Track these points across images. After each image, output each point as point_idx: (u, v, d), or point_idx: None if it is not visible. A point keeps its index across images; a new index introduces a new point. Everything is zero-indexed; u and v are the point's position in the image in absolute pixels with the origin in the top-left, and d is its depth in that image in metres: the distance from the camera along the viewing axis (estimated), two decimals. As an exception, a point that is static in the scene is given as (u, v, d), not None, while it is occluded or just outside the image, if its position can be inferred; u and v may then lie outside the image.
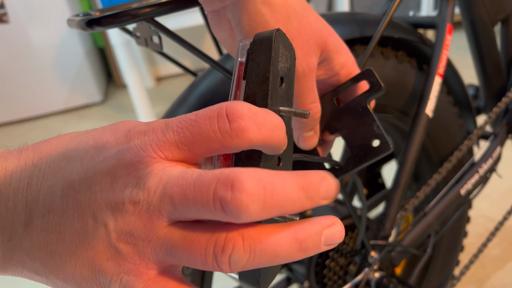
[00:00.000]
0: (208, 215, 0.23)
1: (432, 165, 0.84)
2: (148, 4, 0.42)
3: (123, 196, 0.24)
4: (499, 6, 0.84)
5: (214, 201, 0.22)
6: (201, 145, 0.25)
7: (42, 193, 0.26)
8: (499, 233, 1.34)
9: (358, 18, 0.68)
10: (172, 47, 2.58)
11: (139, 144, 0.25)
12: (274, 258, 0.24)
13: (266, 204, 0.22)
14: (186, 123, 0.25)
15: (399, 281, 0.69)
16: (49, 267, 0.26)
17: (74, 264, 0.25)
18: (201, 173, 0.24)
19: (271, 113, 0.26)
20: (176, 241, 0.24)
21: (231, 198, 0.22)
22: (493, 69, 0.88)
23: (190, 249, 0.24)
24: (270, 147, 0.26)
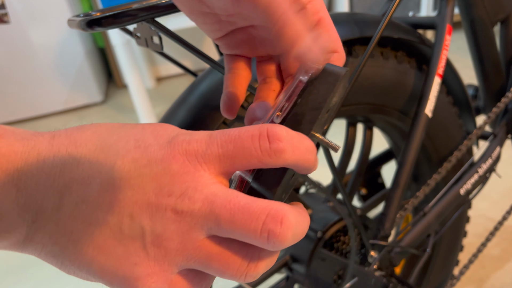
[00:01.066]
0: (248, 240, 0.26)
1: (431, 165, 0.85)
2: (148, 5, 0.42)
3: (167, 203, 0.26)
4: (499, 6, 0.84)
5: (261, 232, 0.25)
6: (241, 159, 0.27)
7: (76, 183, 0.26)
8: (498, 233, 1.35)
9: (358, 18, 0.68)
10: (172, 48, 2.59)
11: (184, 154, 0.26)
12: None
13: (295, 239, 0.27)
14: (230, 138, 0.27)
15: (399, 281, 0.70)
16: (68, 253, 0.26)
17: (96, 256, 0.26)
18: (249, 201, 0.26)
19: (305, 137, 0.28)
20: (212, 254, 0.27)
21: (280, 233, 0.25)
22: (492, 69, 0.88)
23: (226, 264, 0.27)
24: (301, 167, 0.28)
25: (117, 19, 0.42)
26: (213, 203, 0.26)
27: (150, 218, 0.26)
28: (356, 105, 0.70)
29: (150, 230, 0.26)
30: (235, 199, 0.26)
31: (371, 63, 0.68)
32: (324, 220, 0.79)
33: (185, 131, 0.28)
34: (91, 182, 0.26)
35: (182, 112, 0.60)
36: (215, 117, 0.57)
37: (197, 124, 0.57)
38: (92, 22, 0.43)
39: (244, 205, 0.26)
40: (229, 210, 0.26)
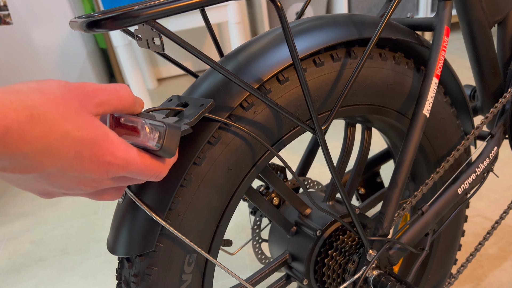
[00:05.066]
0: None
1: (429, 164, 0.85)
2: (149, 6, 0.43)
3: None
4: (496, 8, 0.85)
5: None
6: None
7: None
8: (496, 232, 1.35)
9: (357, 20, 0.69)
10: (173, 49, 2.59)
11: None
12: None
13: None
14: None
15: (397, 279, 0.70)
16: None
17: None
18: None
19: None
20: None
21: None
22: (490, 70, 0.89)
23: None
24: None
25: (119, 20, 0.42)
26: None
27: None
28: (355, 105, 0.71)
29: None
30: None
31: (369, 64, 0.69)
32: (323, 219, 0.80)
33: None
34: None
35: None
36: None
37: (197, 124, 0.58)
38: (94, 24, 0.43)
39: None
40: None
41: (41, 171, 0.37)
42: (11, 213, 1.82)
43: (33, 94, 0.35)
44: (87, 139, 0.38)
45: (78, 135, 0.37)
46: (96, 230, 1.64)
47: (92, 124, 0.38)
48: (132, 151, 0.41)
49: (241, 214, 1.56)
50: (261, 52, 0.61)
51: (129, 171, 0.42)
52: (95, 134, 0.38)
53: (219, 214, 0.62)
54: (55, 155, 0.36)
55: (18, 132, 0.33)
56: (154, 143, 0.43)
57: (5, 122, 0.32)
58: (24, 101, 0.34)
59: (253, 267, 1.36)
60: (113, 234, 0.60)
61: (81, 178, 0.40)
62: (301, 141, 0.89)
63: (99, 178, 0.41)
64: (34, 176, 0.38)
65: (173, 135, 0.44)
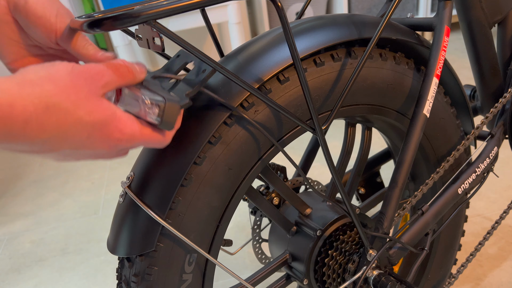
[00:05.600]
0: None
1: (429, 164, 0.86)
2: (150, 6, 0.43)
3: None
4: (496, 8, 0.85)
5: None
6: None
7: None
8: (496, 232, 1.35)
9: (357, 20, 0.69)
10: (173, 49, 2.59)
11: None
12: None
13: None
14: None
15: (397, 279, 0.70)
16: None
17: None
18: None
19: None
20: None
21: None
22: (490, 70, 0.89)
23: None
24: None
25: (119, 20, 0.42)
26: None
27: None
28: (355, 105, 0.71)
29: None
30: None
31: (369, 64, 0.69)
32: (323, 219, 0.80)
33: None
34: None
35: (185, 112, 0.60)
36: (215, 117, 0.58)
37: (198, 123, 0.58)
38: (94, 24, 0.43)
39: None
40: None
41: (57, 151, 0.41)
42: (11, 213, 1.82)
43: (46, 85, 0.37)
44: (98, 122, 0.41)
45: (90, 120, 0.40)
46: (96, 230, 1.64)
47: (101, 106, 0.41)
48: (137, 125, 0.44)
49: (241, 214, 1.56)
50: (261, 52, 0.61)
51: (136, 143, 0.45)
52: (104, 115, 0.41)
53: (219, 214, 0.62)
54: (70, 139, 0.39)
55: (37, 123, 0.36)
56: (154, 118, 0.45)
57: (25, 116, 0.35)
58: (39, 92, 0.36)
59: (253, 267, 1.36)
60: (113, 234, 0.60)
61: (92, 153, 0.44)
62: (302, 141, 0.89)
63: (109, 152, 0.45)
64: (49, 155, 0.42)
65: (172, 110, 0.45)
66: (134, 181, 0.59)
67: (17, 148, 0.38)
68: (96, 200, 1.82)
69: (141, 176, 0.58)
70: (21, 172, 2.13)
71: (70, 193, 1.90)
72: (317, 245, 0.79)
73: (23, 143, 0.37)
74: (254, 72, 0.59)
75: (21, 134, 0.35)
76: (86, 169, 2.06)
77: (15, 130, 0.35)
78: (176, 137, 0.58)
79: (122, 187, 0.59)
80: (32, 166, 2.16)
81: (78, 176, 2.02)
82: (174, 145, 0.58)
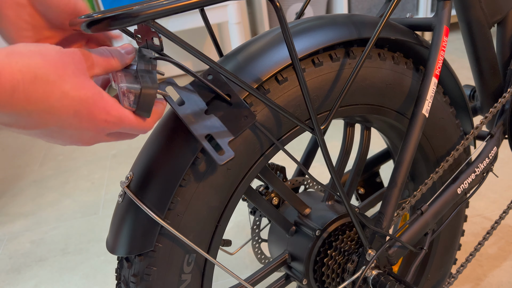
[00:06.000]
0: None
1: (429, 164, 0.86)
2: (148, 6, 0.43)
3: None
4: (496, 8, 0.85)
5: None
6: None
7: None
8: (495, 231, 1.35)
9: (356, 20, 0.69)
10: (172, 49, 2.59)
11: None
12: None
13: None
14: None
15: (396, 279, 0.70)
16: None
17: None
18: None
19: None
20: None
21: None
22: (489, 70, 0.89)
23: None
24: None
25: (118, 20, 0.43)
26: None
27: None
28: (354, 105, 0.71)
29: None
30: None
31: (368, 64, 0.69)
32: (323, 219, 0.80)
33: None
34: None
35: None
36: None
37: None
38: (93, 23, 0.43)
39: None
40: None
41: (44, 128, 0.41)
42: (11, 213, 1.82)
43: (35, 57, 0.38)
44: (84, 98, 0.41)
45: (76, 95, 0.40)
46: (96, 230, 1.64)
47: (87, 84, 0.42)
48: (122, 109, 0.45)
49: (240, 214, 1.56)
50: (260, 52, 0.61)
51: (123, 127, 0.46)
52: (91, 93, 0.42)
53: (218, 214, 0.62)
54: (56, 114, 0.39)
55: (24, 92, 0.36)
56: (131, 104, 0.46)
57: (12, 82, 0.35)
58: (28, 63, 0.37)
59: (252, 267, 1.36)
60: (112, 234, 0.60)
61: (79, 134, 0.44)
62: (301, 141, 0.89)
63: (96, 135, 0.45)
64: (36, 132, 0.42)
65: (147, 97, 0.47)
66: (133, 181, 0.59)
67: (4, 120, 0.38)
68: (96, 200, 1.82)
69: (140, 176, 0.59)
70: (21, 172, 2.13)
71: (70, 193, 1.90)
72: (316, 245, 0.79)
73: (10, 114, 0.37)
74: (253, 72, 0.59)
75: (8, 103, 0.36)
76: (86, 169, 2.06)
77: (2, 97, 0.35)
78: (175, 137, 0.58)
79: (121, 187, 0.59)
80: (32, 166, 2.16)
81: (78, 176, 2.02)
82: (173, 145, 0.58)
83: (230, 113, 0.54)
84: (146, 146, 0.62)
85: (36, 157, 2.23)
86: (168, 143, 0.58)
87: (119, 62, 0.47)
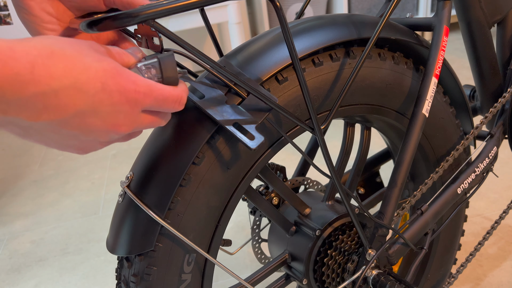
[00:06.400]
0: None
1: (429, 164, 0.86)
2: (148, 6, 0.43)
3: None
4: (495, 8, 0.85)
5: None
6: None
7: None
8: (495, 231, 1.35)
9: (356, 20, 0.69)
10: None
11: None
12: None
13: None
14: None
15: (396, 279, 0.70)
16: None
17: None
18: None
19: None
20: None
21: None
22: (489, 70, 0.89)
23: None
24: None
25: (118, 20, 0.43)
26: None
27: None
28: (354, 105, 0.71)
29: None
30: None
31: (368, 64, 0.69)
32: (323, 219, 0.80)
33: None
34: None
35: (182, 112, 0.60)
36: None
37: (197, 123, 0.58)
38: (93, 23, 0.43)
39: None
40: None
41: (74, 110, 0.37)
42: (11, 213, 1.82)
43: (46, 39, 0.37)
44: (109, 69, 0.39)
45: (99, 66, 0.38)
46: (96, 230, 1.64)
47: (107, 57, 0.40)
48: (150, 80, 0.43)
49: (240, 214, 1.56)
50: (260, 52, 0.61)
51: (155, 98, 0.43)
52: (114, 64, 0.40)
53: (218, 213, 0.62)
54: (83, 89, 0.37)
55: (44, 67, 0.34)
56: (156, 78, 0.46)
57: (29, 58, 0.34)
58: (40, 41, 0.36)
59: (252, 267, 1.36)
60: (112, 234, 0.60)
61: (113, 115, 0.40)
62: (301, 141, 0.89)
63: (131, 112, 0.42)
64: (69, 122, 0.38)
65: (168, 64, 0.46)
66: (133, 181, 0.59)
67: (33, 113, 0.35)
68: (96, 200, 1.82)
69: (140, 176, 0.59)
70: (21, 172, 2.13)
71: (70, 193, 1.90)
72: (316, 245, 0.79)
73: (35, 96, 0.34)
74: (253, 72, 0.59)
75: (31, 80, 0.34)
76: (86, 169, 2.06)
77: (22, 73, 0.33)
78: (175, 137, 0.58)
79: (121, 186, 0.59)
80: (32, 166, 2.16)
81: (78, 176, 2.02)
82: (173, 145, 0.58)
83: (249, 100, 0.56)
84: (146, 146, 0.62)
85: (36, 157, 2.23)
86: (168, 143, 0.58)
87: (131, 56, 0.46)
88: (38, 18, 0.47)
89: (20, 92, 0.33)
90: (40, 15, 0.47)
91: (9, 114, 0.35)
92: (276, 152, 0.65)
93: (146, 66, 0.46)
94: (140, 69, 0.45)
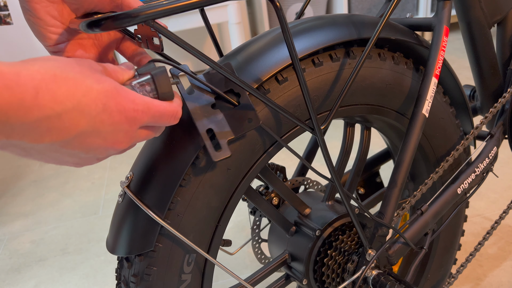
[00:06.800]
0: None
1: (429, 164, 0.86)
2: (148, 6, 0.43)
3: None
4: (496, 8, 0.85)
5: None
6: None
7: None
8: (495, 231, 1.35)
9: (356, 20, 0.69)
10: (172, 49, 2.59)
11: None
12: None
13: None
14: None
15: (396, 279, 0.70)
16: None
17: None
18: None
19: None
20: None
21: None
22: (489, 70, 0.89)
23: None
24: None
25: (119, 20, 0.42)
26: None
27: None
28: (354, 105, 0.71)
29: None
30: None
31: (368, 64, 0.69)
32: (323, 219, 0.80)
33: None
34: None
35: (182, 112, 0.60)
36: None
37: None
38: (93, 24, 0.43)
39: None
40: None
41: (76, 132, 0.38)
42: (11, 213, 1.82)
43: (48, 61, 0.37)
44: (109, 89, 0.40)
45: (100, 87, 0.39)
46: (96, 230, 1.64)
47: (107, 78, 0.41)
48: (147, 97, 0.44)
49: (240, 214, 1.56)
50: (260, 52, 0.61)
51: (153, 115, 0.44)
52: (114, 84, 0.41)
53: (218, 214, 0.62)
54: (86, 111, 0.38)
55: (48, 92, 0.35)
56: (152, 94, 0.46)
57: (34, 83, 0.34)
58: (43, 65, 0.36)
59: (252, 267, 1.36)
60: (112, 234, 0.60)
61: (113, 134, 0.42)
62: (301, 141, 0.89)
63: (130, 130, 0.43)
64: (70, 142, 0.39)
65: (161, 79, 0.46)
66: (133, 181, 0.59)
67: (35, 136, 0.36)
68: (96, 200, 1.82)
69: (140, 176, 0.59)
70: (21, 172, 2.13)
71: (70, 193, 1.90)
72: (316, 245, 0.79)
73: (39, 120, 0.35)
74: (253, 72, 0.59)
75: (35, 105, 0.34)
76: (86, 169, 2.06)
77: (27, 99, 0.33)
78: (175, 137, 0.58)
79: (121, 187, 0.59)
80: (32, 166, 2.16)
81: (78, 176, 2.02)
82: (173, 145, 0.58)
83: (236, 112, 0.54)
84: (146, 146, 0.62)
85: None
86: (168, 143, 0.58)
87: (125, 72, 0.47)
88: (43, 21, 0.48)
89: (24, 117, 0.34)
90: (45, 18, 0.48)
91: (12, 138, 0.35)
92: (276, 152, 0.65)
93: (140, 84, 0.46)
94: (135, 87, 0.46)
